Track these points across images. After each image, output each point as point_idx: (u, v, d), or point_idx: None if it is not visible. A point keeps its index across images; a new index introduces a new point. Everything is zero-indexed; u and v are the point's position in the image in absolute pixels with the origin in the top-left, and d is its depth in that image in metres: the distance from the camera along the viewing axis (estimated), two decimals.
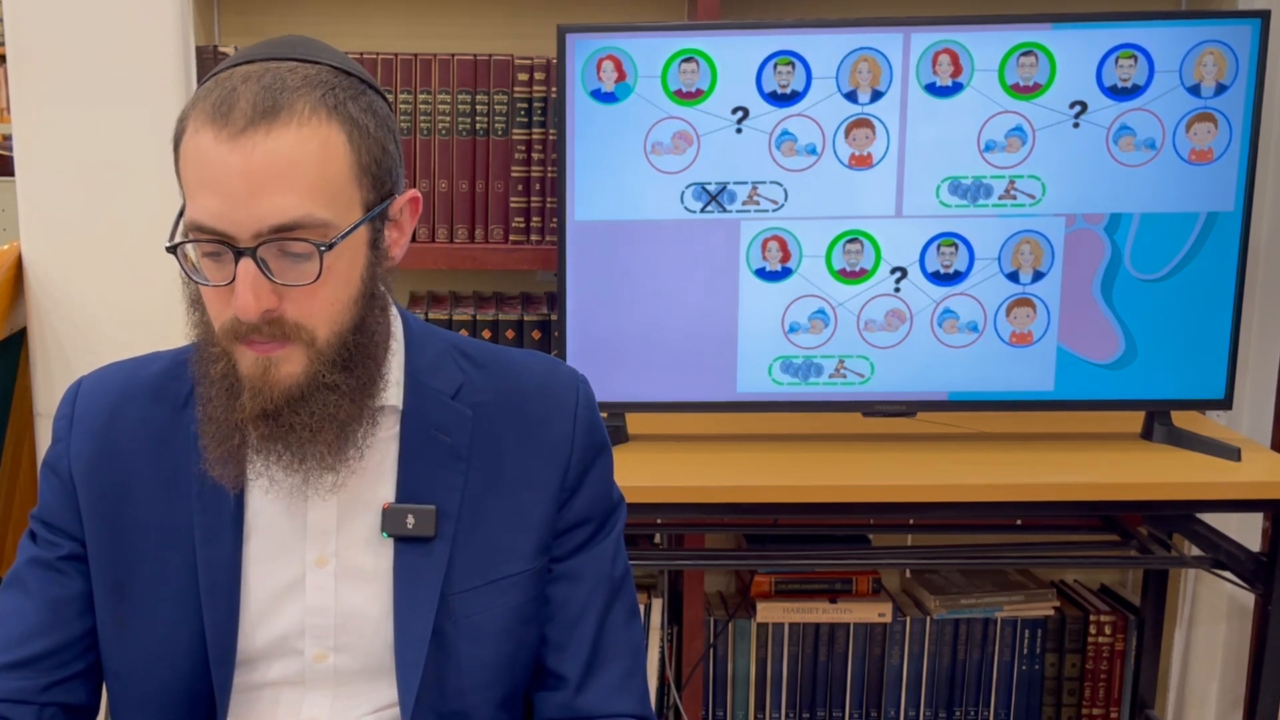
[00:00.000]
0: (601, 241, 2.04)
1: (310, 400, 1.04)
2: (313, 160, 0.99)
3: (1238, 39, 1.97)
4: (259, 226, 0.98)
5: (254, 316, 1.00)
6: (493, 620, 1.14)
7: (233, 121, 0.97)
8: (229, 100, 0.98)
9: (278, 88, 0.99)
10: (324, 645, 1.13)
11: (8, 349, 2.13)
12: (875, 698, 2.42)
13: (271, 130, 0.98)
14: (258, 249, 0.99)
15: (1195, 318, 2.05)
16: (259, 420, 1.04)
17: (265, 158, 0.97)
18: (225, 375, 1.05)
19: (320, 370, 1.04)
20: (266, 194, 0.98)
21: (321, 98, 1.00)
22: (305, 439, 1.05)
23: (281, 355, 1.03)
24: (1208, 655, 2.47)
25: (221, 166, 0.97)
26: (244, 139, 0.97)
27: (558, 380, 1.19)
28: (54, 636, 1.13)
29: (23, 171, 2.11)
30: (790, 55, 1.99)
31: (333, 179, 1.01)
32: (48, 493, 1.16)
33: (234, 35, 2.33)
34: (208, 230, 0.99)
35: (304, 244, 0.99)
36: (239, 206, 0.98)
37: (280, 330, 1.02)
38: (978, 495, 1.93)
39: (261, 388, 1.03)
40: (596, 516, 1.19)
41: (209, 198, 0.98)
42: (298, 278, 1.01)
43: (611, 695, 1.16)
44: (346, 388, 1.06)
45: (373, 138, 1.04)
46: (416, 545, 1.12)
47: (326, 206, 1.00)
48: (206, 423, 1.07)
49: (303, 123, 0.99)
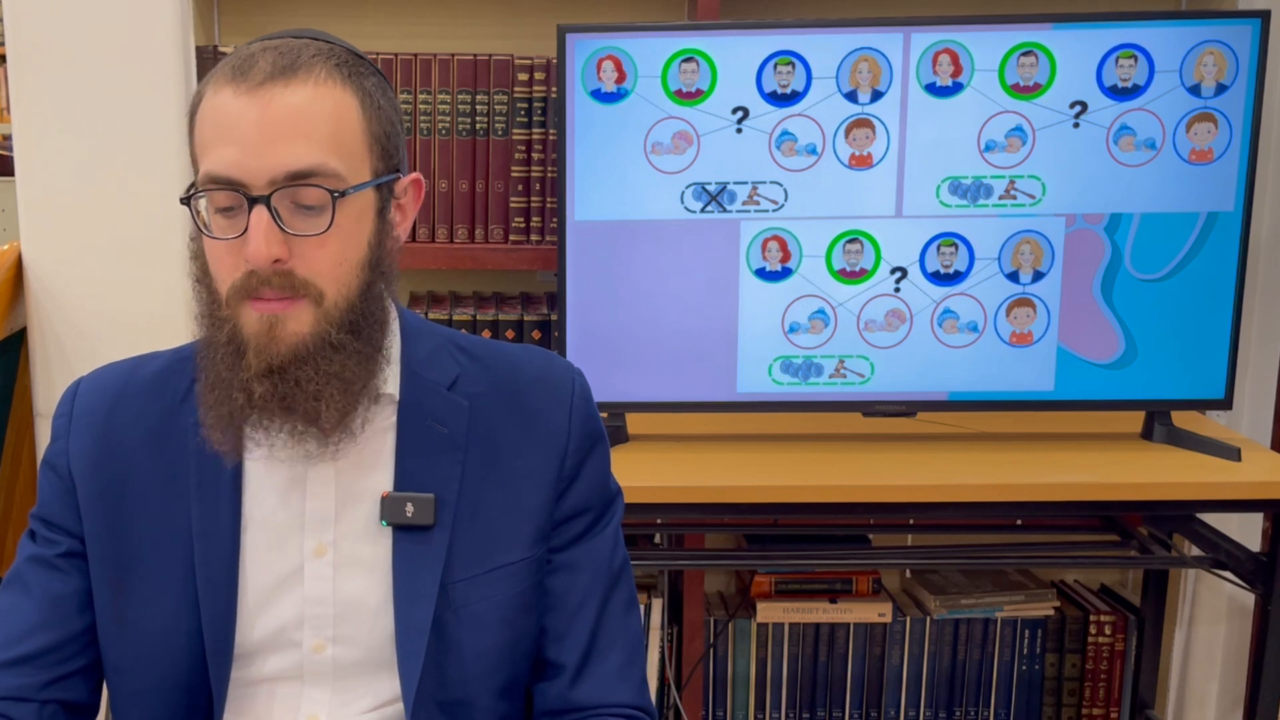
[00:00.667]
0: (601, 241, 2.04)
1: (316, 358, 1.05)
2: (328, 116, 1.03)
3: (1238, 39, 1.97)
4: (274, 173, 1.00)
5: (265, 263, 1.01)
6: (492, 609, 1.14)
7: (251, 77, 1.01)
8: (248, 63, 1.02)
9: (294, 53, 1.03)
10: (322, 635, 1.13)
11: (8, 349, 2.13)
12: (875, 698, 2.42)
13: (290, 85, 1.01)
14: (271, 196, 1.00)
15: (1195, 318, 2.05)
16: (263, 377, 1.04)
17: (282, 109, 1.01)
18: (231, 339, 1.05)
19: (327, 329, 1.05)
20: (282, 141, 1.00)
21: (336, 66, 1.05)
22: (309, 394, 1.05)
23: (289, 313, 1.03)
24: (1208, 655, 2.47)
25: (239, 116, 1.00)
26: (262, 91, 1.00)
27: (553, 372, 1.20)
28: (54, 633, 1.13)
29: (23, 171, 2.11)
30: (790, 55, 1.99)
31: (346, 136, 1.04)
32: (47, 491, 1.17)
33: (234, 35, 2.34)
34: (222, 180, 1.01)
35: (316, 192, 1.01)
36: (254, 154, 1.00)
37: (289, 284, 1.03)
38: (978, 495, 1.93)
39: (267, 344, 1.04)
40: (594, 507, 1.19)
41: (225, 148, 1.01)
42: (309, 228, 1.02)
43: (609, 685, 1.17)
44: (353, 349, 1.07)
45: (383, 111, 1.07)
46: (416, 534, 1.13)
47: (339, 159, 1.03)
48: (209, 387, 1.07)
49: (319, 83, 1.03)
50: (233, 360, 1.05)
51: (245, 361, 1.04)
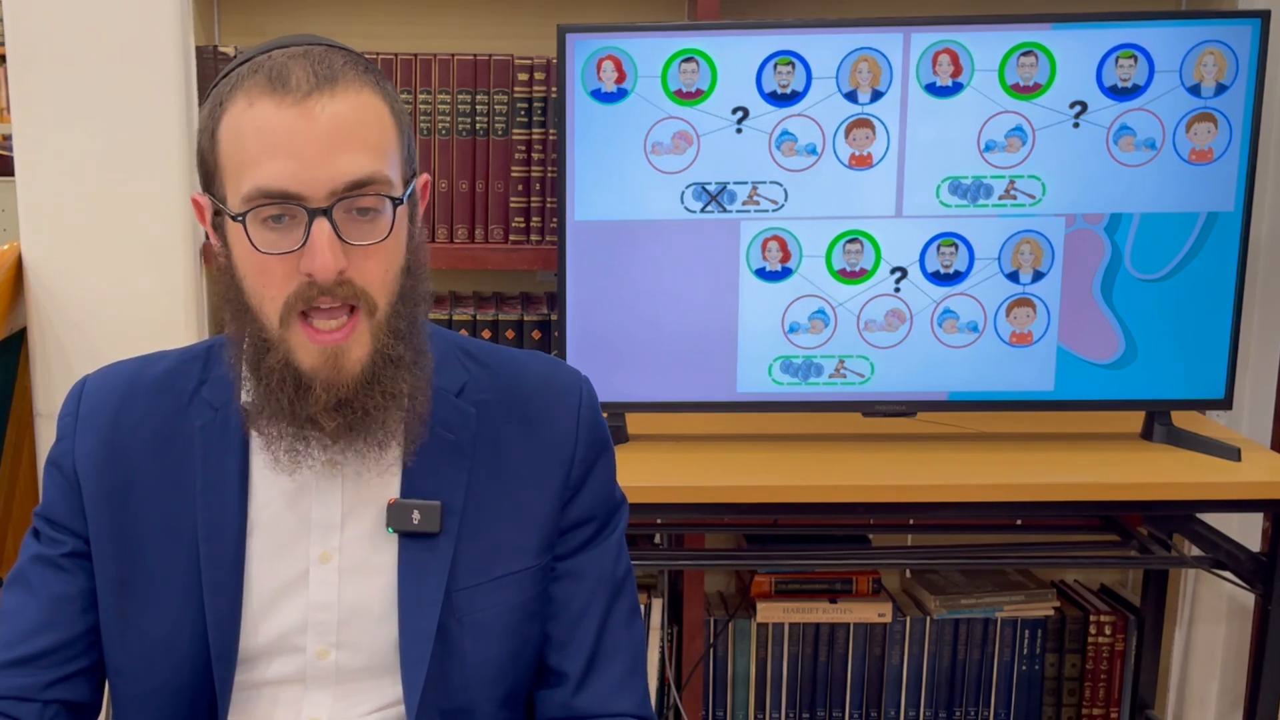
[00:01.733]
0: (601, 241, 2.04)
1: (380, 378, 1.06)
2: (372, 122, 1.03)
3: (1238, 39, 1.97)
4: (335, 184, 1.00)
5: (332, 274, 1.01)
6: (496, 617, 1.14)
7: (294, 89, 1.00)
8: (282, 74, 1.01)
9: (327, 62, 1.02)
10: (326, 642, 1.13)
11: (8, 349, 2.13)
12: (875, 698, 2.42)
13: (335, 95, 1.01)
14: (332, 208, 1.00)
15: (1195, 318, 2.05)
16: (333, 411, 1.05)
17: (334, 119, 1.00)
18: (287, 364, 1.04)
19: (384, 342, 1.06)
20: (340, 152, 1.00)
21: (364, 71, 1.04)
22: (378, 419, 1.06)
23: (349, 341, 1.04)
24: (1208, 655, 2.47)
25: (289, 130, 0.99)
26: (310, 103, 1.00)
27: (561, 380, 1.20)
28: (57, 633, 1.13)
29: (23, 171, 2.11)
30: (790, 55, 1.99)
31: (388, 143, 1.04)
32: (52, 490, 1.16)
33: (234, 35, 2.33)
34: (278, 194, 1.00)
35: (373, 200, 1.02)
36: (312, 167, 0.99)
37: (351, 292, 1.03)
38: (978, 495, 1.93)
39: (333, 379, 1.04)
40: (599, 516, 1.19)
41: (278, 162, 1.00)
42: (368, 235, 1.03)
43: (612, 694, 1.17)
44: (407, 360, 1.08)
45: (404, 115, 1.08)
46: (421, 541, 1.13)
47: (389, 166, 1.04)
48: (269, 419, 1.07)
49: (358, 91, 1.03)
50: (294, 393, 1.05)
51: (313, 395, 1.04)
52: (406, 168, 1.08)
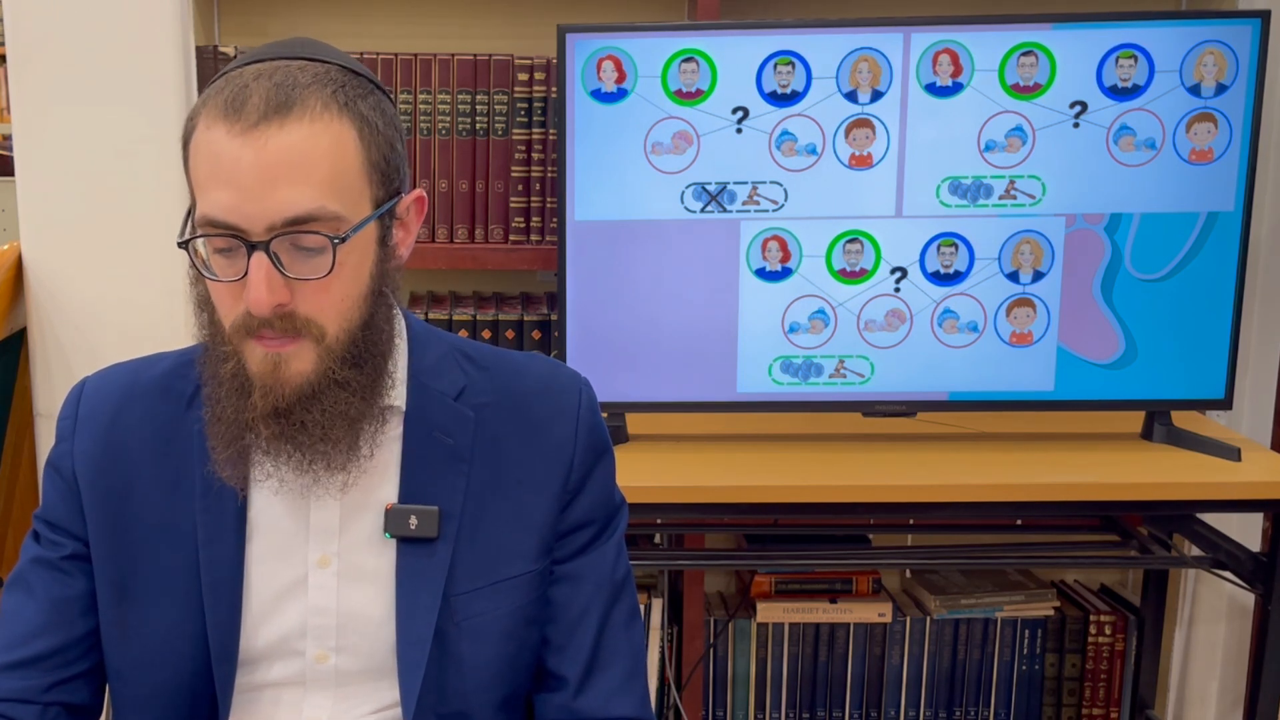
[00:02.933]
0: (601, 241, 2.04)
1: (321, 397, 1.05)
2: (325, 154, 1.00)
3: (1238, 39, 1.97)
4: (272, 219, 0.98)
5: (266, 310, 1.00)
6: (494, 621, 1.14)
7: (245, 116, 0.98)
8: (240, 96, 0.99)
9: (289, 84, 1.00)
10: (325, 646, 1.13)
11: (8, 349, 2.13)
12: (875, 698, 2.42)
13: (285, 125, 0.98)
14: (270, 242, 0.99)
15: (1195, 318, 2.05)
16: (270, 419, 1.04)
17: (278, 151, 0.98)
18: (235, 375, 1.04)
19: (330, 367, 1.04)
20: (280, 186, 0.98)
21: (333, 94, 1.01)
22: (316, 437, 1.05)
23: (291, 352, 1.03)
24: (1208, 655, 2.47)
25: (234, 160, 0.98)
26: (256, 133, 0.98)
27: (560, 383, 1.19)
28: (57, 636, 1.13)
29: (23, 171, 2.10)
30: (790, 55, 1.99)
31: (344, 174, 1.01)
32: (51, 492, 1.16)
33: (234, 35, 2.33)
34: (220, 224, 0.99)
35: (317, 237, 1.00)
36: (252, 200, 0.98)
37: (291, 325, 1.02)
38: (978, 495, 1.93)
39: (272, 385, 1.03)
40: (598, 519, 1.19)
41: (221, 192, 0.99)
42: (310, 271, 1.01)
43: (611, 697, 1.16)
44: (357, 385, 1.06)
45: (381, 135, 1.04)
46: (419, 546, 1.12)
47: (339, 200, 1.01)
48: (215, 423, 1.07)
49: (315, 118, 0.99)
50: (238, 399, 1.05)
51: (251, 401, 1.04)
52: (381, 189, 1.05)
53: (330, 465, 1.07)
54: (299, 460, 1.07)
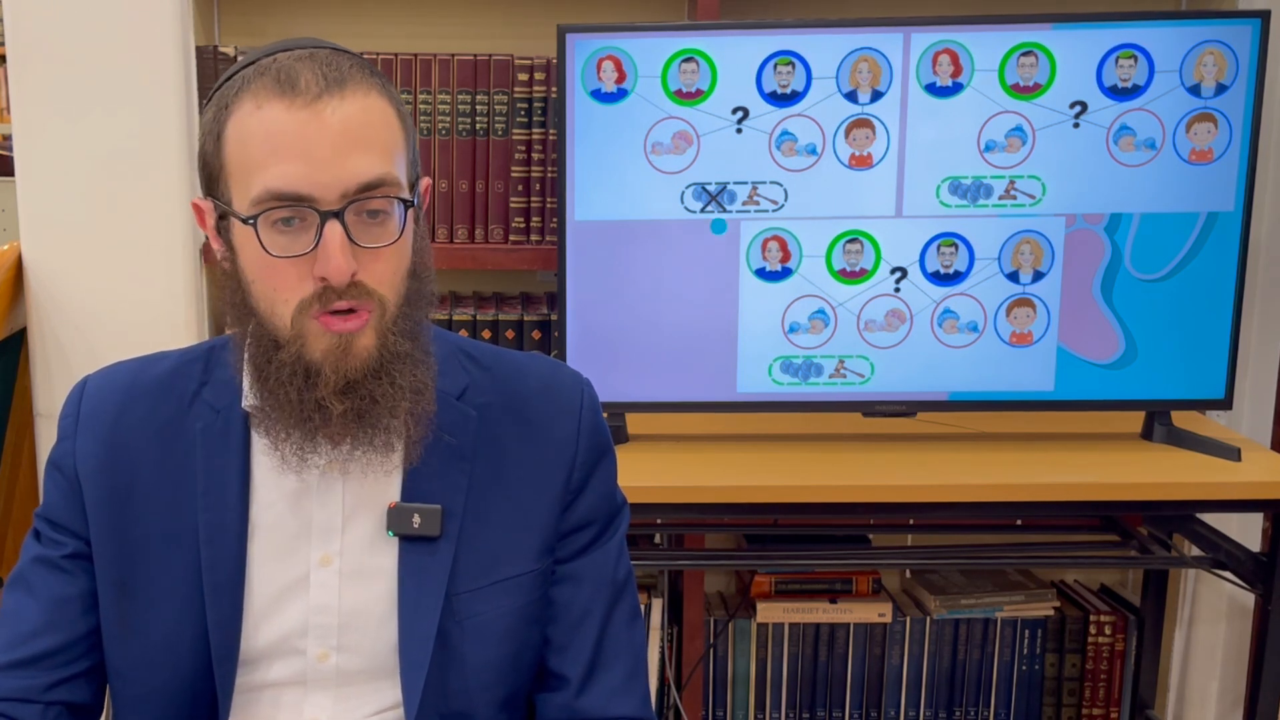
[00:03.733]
0: (601, 241, 2.04)
1: (388, 369, 1.06)
2: (380, 125, 1.03)
3: (1238, 39, 1.97)
4: (346, 186, 1.00)
5: (346, 277, 1.01)
6: (496, 621, 1.14)
7: (303, 91, 1.00)
8: (289, 77, 1.00)
9: (335, 64, 1.02)
10: (327, 645, 1.13)
11: (8, 349, 2.13)
12: (875, 698, 2.42)
13: (344, 97, 1.01)
14: (344, 210, 1.00)
15: (1195, 318, 2.05)
16: (341, 395, 1.04)
17: (344, 121, 1.00)
18: (298, 359, 1.04)
19: (393, 338, 1.06)
20: (351, 154, 1.00)
21: (370, 75, 1.04)
22: (385, 408, 1.06)
23: (356, 330, 1.04)
24: (1208, 655, 2.47)
25: (299, 133, 0.99)
26: (320, 105, 1.00)
27: (562, 383, 1.20)
28: (58, 635, 1.13)
29: (23, 171, 2.11)
30: (790, 55, 1.99)
31: (395, 146, 1.04)
32: (52, 491, 1.16)
33: (234, 35, 2.33)
34: (289, 196, 1.00)
35: (384, 201, 1.02)
36: (323, 169, 0.99)
37: (363, 292, 1.03)
38: (978, 495, 1.93)
39: (342, 361, 1.04)
40: (600, 519, 1.19)
41: (288, 164, 0.99)
42: (378, 238, 1.03)
43: (613, 697, 1.17)
44: (415, 356, 1.08)
45: (409, 120, 1.08)
46: (422, 545, 1.13)
47: (398, 168, 1.04)
48: (276, 411, 1.07)
49: (366, 93, 1.02)
50: (304, 382, 1.05)
51: (322, 378, 1.04)
52: (412, 170, 1.08)
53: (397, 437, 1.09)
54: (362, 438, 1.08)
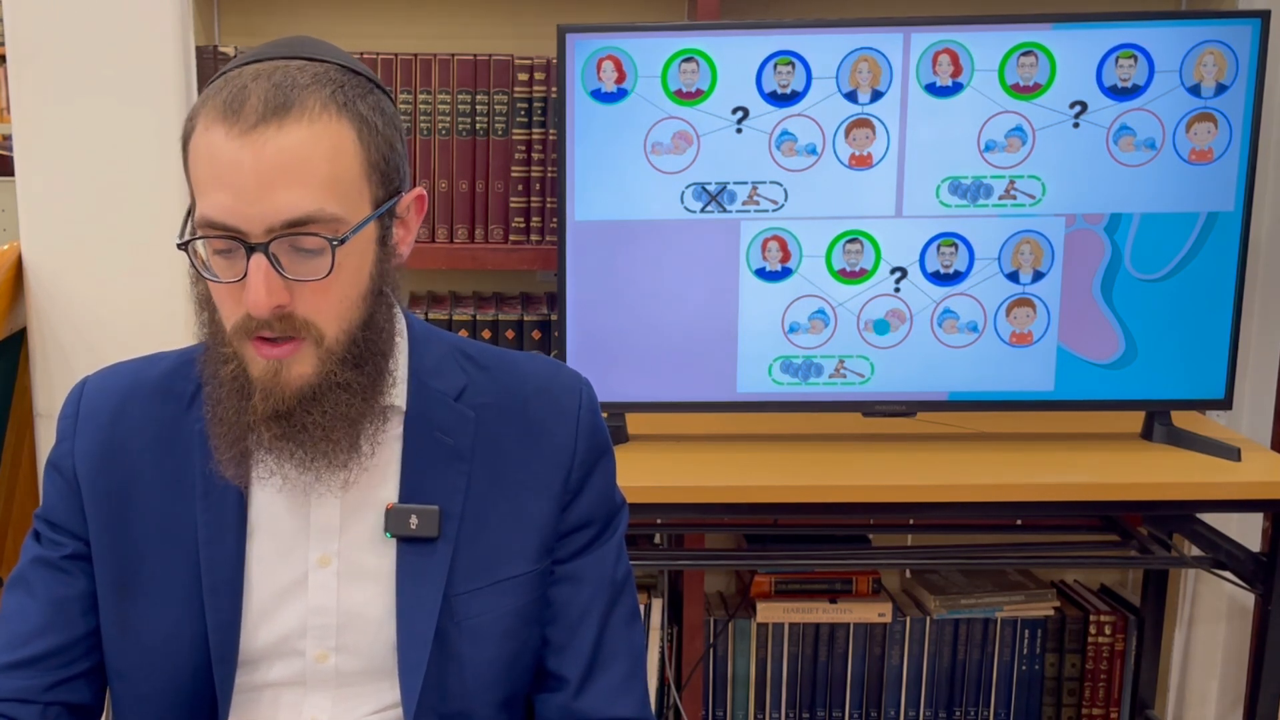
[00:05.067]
0: (601, 241, 2.04)
1: (322, 399, 1.05)
2: (324, 156, 1.00)
3: (1238, 39, 1.97)
4: (271, 221, 0.98)
5: (265, 312, 1.00)
6: (495, 621, 1.14)
7: (244, 118, 0.98)
8: (239, 97, 0.99)
9: (288, 85, 1.00)
10: (325, 645, 1.13)
11: (8, 349, 2.13)
12: (875, 698, 2.42)
13: (283, 126, 0.98)
14: (270, 244, 0.99)
15: (1195, 318, 2.05)
16: (271, 421, 1.04)
17: (277, 153, 0.98)
18: (236, 376, 1.05)
19: (331, 369, 1.05)
20: (279, 189, 0.98)
21: (331, 95, 1.01)
22: (318, 438, 1.05)
23: (291, 358, 1.03)
24: (1208, 655, 2.47)
25: (233, 162, 0.98)
26: (255, 135, 0.98)
27: (560, 383, 1.19)
28: (58, 636, 1.13)
29: (23, 171, 2.10)
30: (790, 55, 1.99)
31: (343, 175, 1.01)
32: (52, 492, 1.16)
33: (234, 35, 2.33)
34: (219, 226, 0.99)
35: (316, 239, 1.00)
36: (251, 202, 0.98)
37: (291, 326, 1.02)
38: (978, 495, 1.93)
39: (273, 389, 1.03)
40: (599, 519, 1.19)
41: (220, 193, 0.99)
42: (309, 273, 1.01)
43: (612, 697, 1.16)
44: (358, 385, 1.07)
45: (381, 135, 1.04)
46: (420, 546, 1.13)
47: (338, 202, 1.01)
48: (216, 424, 1.07)
49: (314, 119, 0.99)
50: (238, 402, 1.05)
51: (252, 404, 1.04)
52: (380, 189, 1.05)
53: (332, 464, 1.08)
54: (301, 459, 1.07)
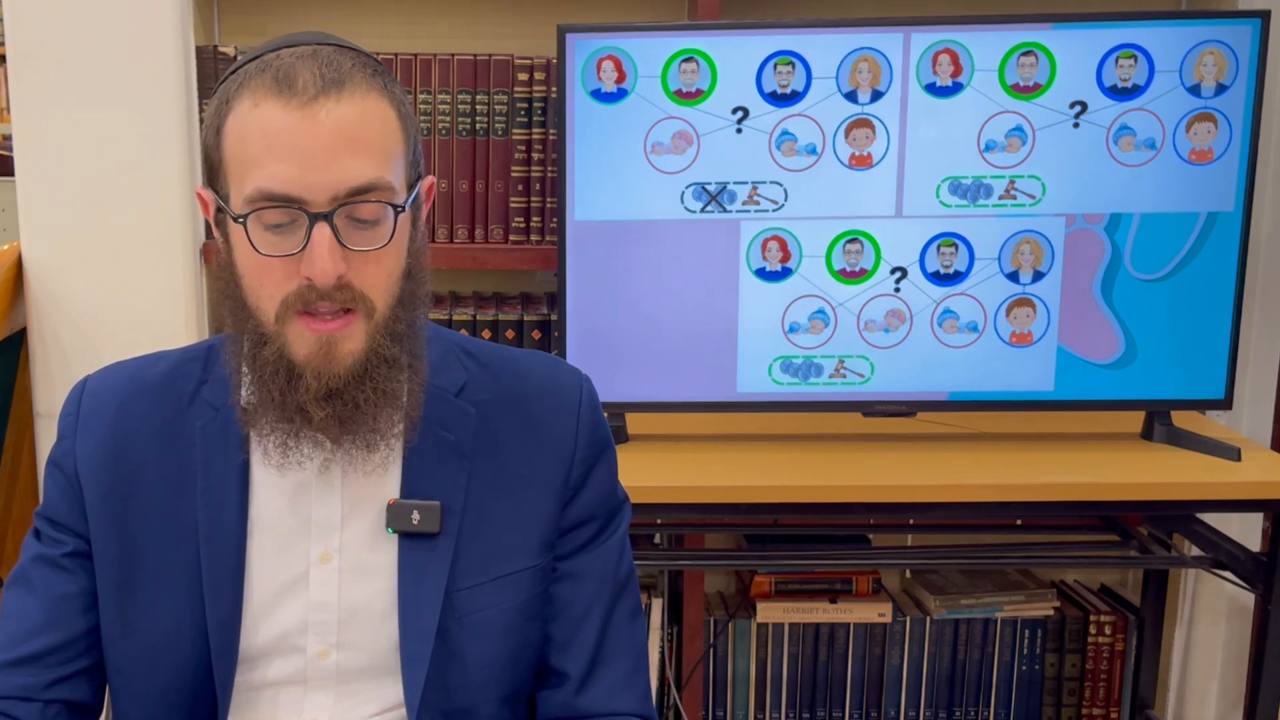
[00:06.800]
0: (601, 241, 2.04)
1: (373, 375, 1.05)
2: (378, 128, 1.02)
3: (1238, 39, 1.97)
4: (336, 189, 1.00)
5: (331, 279, 1.01)
6: (497, 617, 1.14)
7: (300, 91, 0.99)
8: (289, 75, 1.00)
9: (335, 63, 1.02)
10: (326, 642, 1.13)
11: (8, 349, 2.13)
12: (875, 698, 2.42)
13: (341, 98, 1.00)
14: (334, 213, 1.00)
15: (1195, 318, 2.06)
16: (323, 401, 1.04)
17: (339, 123, 1.00)
18: (281, 356, 1.04)
19: (379, 343, 1.05)
20: (343, 157, 1.00)
21: (373, 75, 1.04)
22: (368, 414, 1.06)
23: (344, 333, 1.04)
24: (1208, 655, 2.47)
25: (294, 133, 0.99)
26: (316, 106, 0.99)
27: (561, 380, 1.20)
28: (58, 633, 1.13)
29: (23, 171, 2.11)
30: (790, 55, 1.99)
31: (393, 148, 1.04)
32: (53, 490, 1.16)
33: (234, 35, 2.33)
34: (279, 197, 1.00)
35: (375, 207, 1.02)
36: (315, 170, 0.99)
37: (350, 297, 1.03)
38: (978, 495, 1.93)
39: (324, 367, 1.04)
40: (600, 515, 1.19)
41: (280, 165, 0.99)
42: (367, 242, 1.03)
43: (614, 694, 1.17)
44: (401, 362, 1.08)
45: (411, 118, 1.08)
46: (421, 541, 1.13)
47: (392, 172, 1.03)
48: (263, 407, 1.07)
49: (365, 95, 1.02)
50: (286, 382, 1.05)
51: (304, 384, 1.04)
52: (411, 171, 1.07)
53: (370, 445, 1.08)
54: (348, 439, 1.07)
